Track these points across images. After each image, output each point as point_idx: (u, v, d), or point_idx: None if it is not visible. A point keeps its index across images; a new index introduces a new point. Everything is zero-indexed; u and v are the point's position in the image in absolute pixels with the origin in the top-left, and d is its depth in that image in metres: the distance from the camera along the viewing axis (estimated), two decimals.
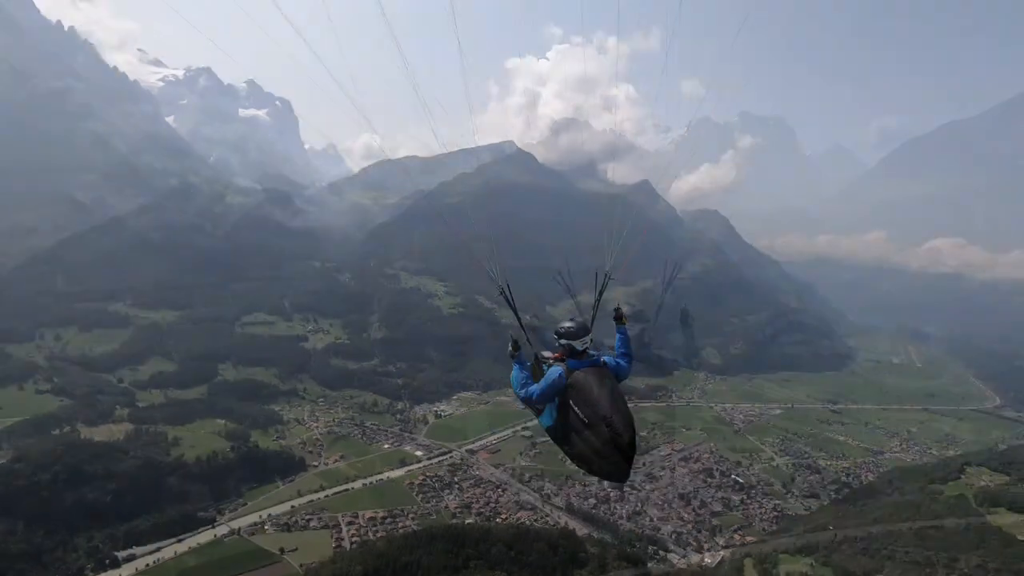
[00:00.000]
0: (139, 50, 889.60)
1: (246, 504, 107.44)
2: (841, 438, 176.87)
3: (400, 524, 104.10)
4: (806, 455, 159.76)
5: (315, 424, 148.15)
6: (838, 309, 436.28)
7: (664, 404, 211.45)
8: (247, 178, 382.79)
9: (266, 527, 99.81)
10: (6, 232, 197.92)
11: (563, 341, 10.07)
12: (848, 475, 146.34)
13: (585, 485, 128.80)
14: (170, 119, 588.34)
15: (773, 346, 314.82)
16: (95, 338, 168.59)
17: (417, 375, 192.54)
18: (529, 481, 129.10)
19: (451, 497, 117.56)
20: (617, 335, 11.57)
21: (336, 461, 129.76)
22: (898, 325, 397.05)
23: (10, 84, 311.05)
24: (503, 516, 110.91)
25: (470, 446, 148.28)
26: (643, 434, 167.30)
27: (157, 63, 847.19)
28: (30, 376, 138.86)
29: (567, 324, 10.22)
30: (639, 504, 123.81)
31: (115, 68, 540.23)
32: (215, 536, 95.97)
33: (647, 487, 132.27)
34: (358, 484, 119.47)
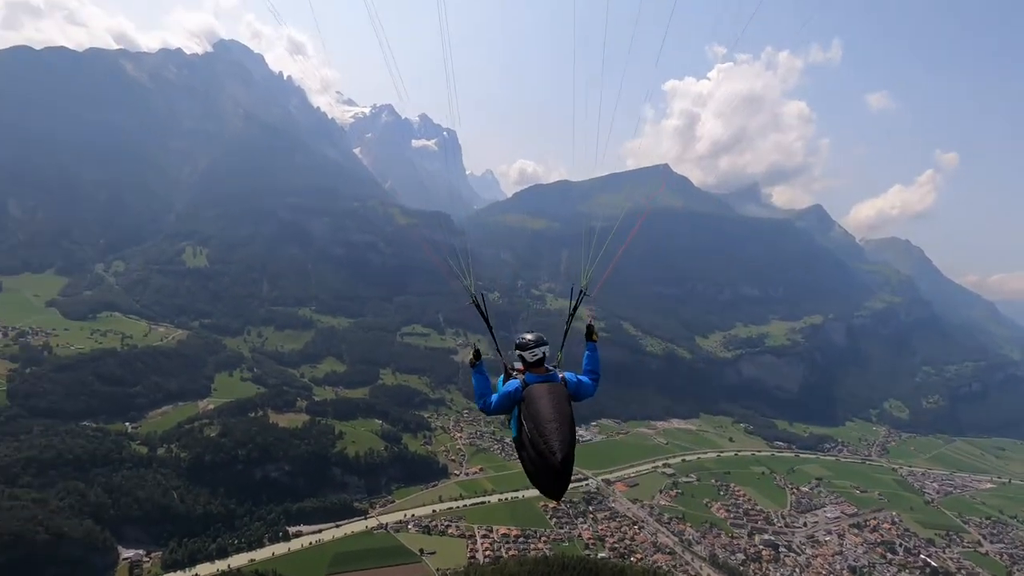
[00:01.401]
0: (337, 92, 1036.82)
1: (394, 502, 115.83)
2: None
3: (532, 546, 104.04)
4: None
5: (459, 434, 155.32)
6: None
7: (832, 458, 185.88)
8: (415, 201, 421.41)
9: (409, 526, 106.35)
10: (230, 244, 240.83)
11: (517, 352, 9.82)
12: None
13: (733, 538, 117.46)
14: (357, 150, 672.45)
15: (982, 404, 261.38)
16: (286, 337, 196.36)
17: None
18: (669, 523, 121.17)
19: (584, 526, 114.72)
20: (586, 352, 10.71)
21: (476, 473, 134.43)
22: None
23: (242, 124, 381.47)
24: (638, 556, 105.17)
25: (606, 476, 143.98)
26: (804, 489, 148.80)
27: (350, 102, 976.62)
28: (238, 365, 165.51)
29: (526, 336, 9.92)
30: (797, 570, 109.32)
31: (318, 108, 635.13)
32: (366, 527, 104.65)
33: (808, 551, 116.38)
34: (494, 498, 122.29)
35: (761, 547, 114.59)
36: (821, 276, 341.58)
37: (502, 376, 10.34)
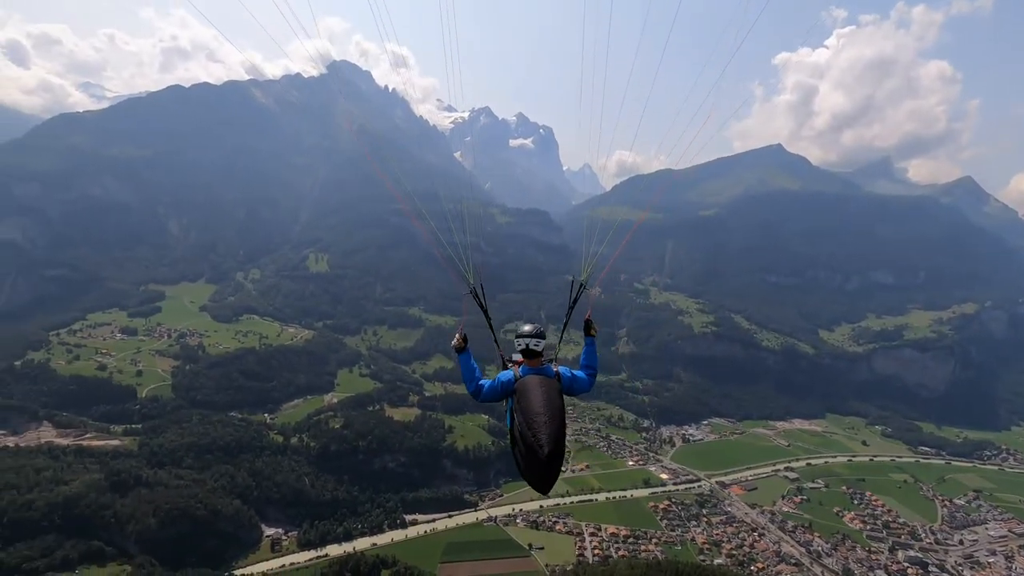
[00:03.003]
0: (438, 100, 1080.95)
1: (502, 495, 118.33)
2: None
3: (642, 547, 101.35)
4: None
5: None
6: None
7: (995, 467, 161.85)
8: (514, 200, 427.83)
9: (518, 520, 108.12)
10: (347, 250, 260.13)
11: (516, 340, 9.91)
12: None
13: (871, 552, 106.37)
14: (457, 154, 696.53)
15: None
16: (398, 335, 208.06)
17: (664, 394, 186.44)
18: (793, 531, 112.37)
19: (698, 530, 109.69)
20: (584, 346, 10.73)
21: (583, 470, 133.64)
22: None
23: (349, 136, 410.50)
24: (759, 565, 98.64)
25: (721, 478, 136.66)
26: (959, 502, 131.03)
27: (450, 108, 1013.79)
28: (356, 362, 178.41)
29: (525, 327, 10.02)
30: None
31: (421, 117, 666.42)
32: (476, 519, 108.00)
33: (966, 574, 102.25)
34: (602, 497, 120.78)
35: (906, 565, 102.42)
36: (974, 258, 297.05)
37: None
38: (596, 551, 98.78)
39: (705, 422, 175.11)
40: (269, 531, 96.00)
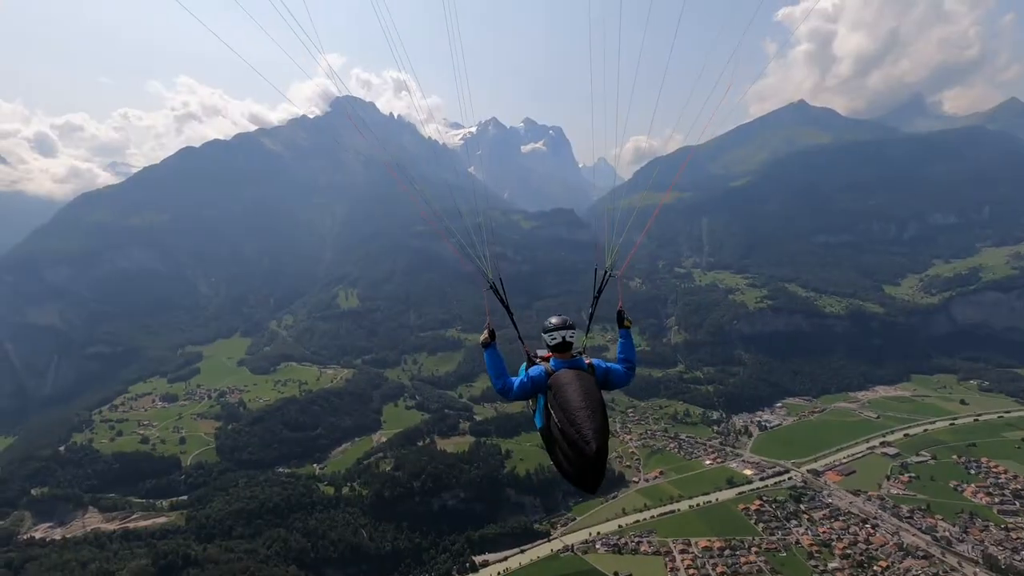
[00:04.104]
0: (444, 119, 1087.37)
1: (575, 519, 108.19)
2: None
3: (743, 559, 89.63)
4: None
5: (628, 436, 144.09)
6: None
7: None
8: (534, 205, 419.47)
9: (597, 546, 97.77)
10: (374, 282, 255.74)
11: (544, 335, 9.51)
12: None
13: (1009, 529, 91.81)
14: (471, 169, 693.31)
15: None
16: (439, 361, 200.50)
17: (728, 380, 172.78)
18: (911, 517, 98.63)
19: (801, 530, 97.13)
20: (619, 339, 10.25)
21: (656, 477, 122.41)
22: None
23: (364, 170, 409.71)
24: (882, 564, 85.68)
25: (811, 465, 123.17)
26: None
27: (456, 125, 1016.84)
28: (400, 394, 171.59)
29: (552, 319, 9.60)
30: None
31: (429, 138, 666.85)
32: (551, 550, 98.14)
33: None
34: (684, 505, 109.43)
35: None
36: None
37: (524, 364, 9.94)
38: (691, 571, 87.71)
39: (779, 404, 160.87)
40: None
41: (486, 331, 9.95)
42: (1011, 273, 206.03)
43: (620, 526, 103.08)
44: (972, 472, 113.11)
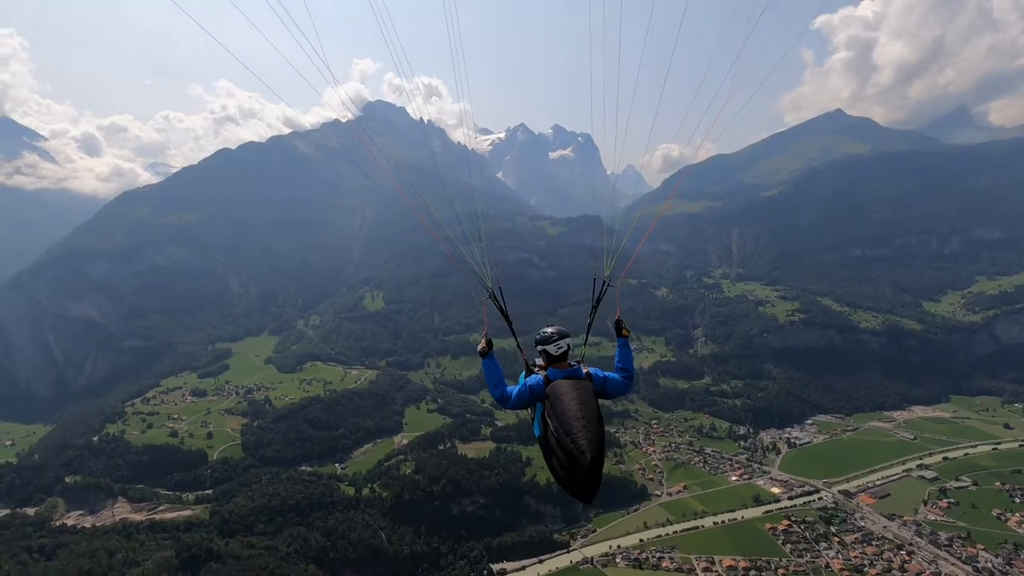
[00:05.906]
0: (474, 124, 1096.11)
1: (595, 531, 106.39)
2: None
3: None
4: None
5: (651, 448, 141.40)
6: None
7: None
8: (561, 211, 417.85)
9: (617, 559, 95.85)
10: (400, 285, 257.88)
11: (539, 347, 9.56)
12: None
13: None
14: (499, 174, 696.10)
15: None
16: (462, 364, 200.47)
17: (757, 394, 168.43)
18: (950, 545, 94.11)
19: (831, 553, 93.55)
20: (617, 348, 10.45)
21: (680, 492, 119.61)
22: None
23: (392, 173, 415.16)
24: None
25: (843, 485, 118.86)
26: None
27: (486, 131, 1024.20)
28: (423, 397, 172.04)
29: (547, 329, 9.66)
30: None
31: (459, 143, 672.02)
32: (571, 562, 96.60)
33: None
34: (708, 521, 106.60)
35: None
36: None
37: (523, 373, 9.83)
38: None
39: (809, 421, 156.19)
40: None
41: (483, 341, 10.19)
42: None
43: (641, 540, 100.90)
44: (1017, 501, 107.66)
